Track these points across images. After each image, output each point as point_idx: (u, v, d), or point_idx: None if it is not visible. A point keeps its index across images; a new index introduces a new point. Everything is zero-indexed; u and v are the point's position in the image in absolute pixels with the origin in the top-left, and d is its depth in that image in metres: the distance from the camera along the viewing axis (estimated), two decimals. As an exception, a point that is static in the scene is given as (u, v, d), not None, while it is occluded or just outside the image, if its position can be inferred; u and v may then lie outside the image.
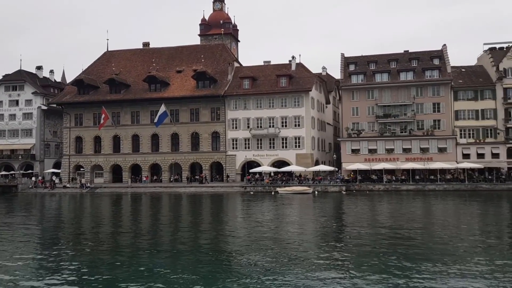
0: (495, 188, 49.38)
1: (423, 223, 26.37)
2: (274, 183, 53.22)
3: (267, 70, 62.40)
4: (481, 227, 24.79)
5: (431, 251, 17.46)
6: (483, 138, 55.19)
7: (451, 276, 13.69)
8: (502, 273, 14.06)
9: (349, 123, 58.74)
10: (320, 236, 22.07)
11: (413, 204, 38.41)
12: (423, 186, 50.81)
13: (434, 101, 56.56)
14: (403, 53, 62.32)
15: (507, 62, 55.76)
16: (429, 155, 54.60)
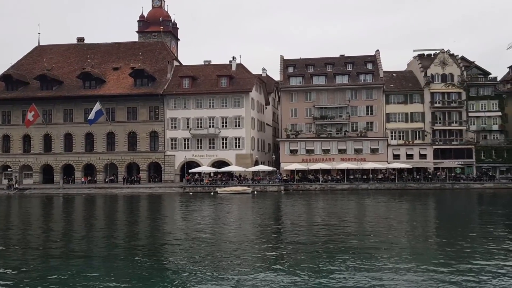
0: (422, 187, 52.41)
1: (356, 221, 27.46)
2: (214, 183, 53.08)
3: (207, 69, 62.11)
4: (409, 224, 26.20)
5: (363, 247, 18.23)
6: (412, 140, 58.40)
7: (382, 271, 14.37)
8: (428, 264, 14.97)
9: (288, 124, 59.87)
10: (258, 236, 22.32)
11: (347, 203, 39.84)
12: (357, 186, 52.90)
13: (368, 104, 59.08)
14: (339, 57, 64.52)
15: (434, 68, 59.39)
16: (362, 156, 56.94)
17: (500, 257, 16.21)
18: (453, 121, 58.71)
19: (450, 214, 32.05)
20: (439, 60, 59.48)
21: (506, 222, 26.69)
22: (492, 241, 19.55)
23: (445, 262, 15.44)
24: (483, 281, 13.18)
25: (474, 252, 17.04)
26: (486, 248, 17.92)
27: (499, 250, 17.47)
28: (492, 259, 15.88)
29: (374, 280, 13.32)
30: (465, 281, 13.15)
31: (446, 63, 59.19)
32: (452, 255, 16.63)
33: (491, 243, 18.93)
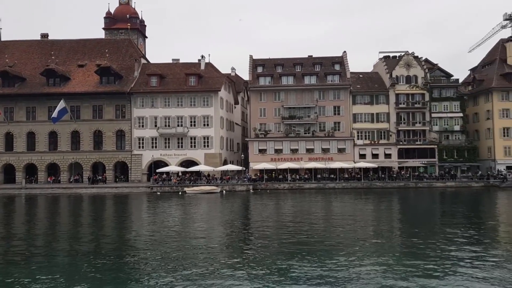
0: (387, 186, 53.68)
1: (323, 220, 27.87)
2: (182, 183, 52.68)
3: (175, 68, 61.55)
4: (374, 221, 26.81)
5: (329, 245, 18.53)
6: (377, 140, 59.71)
7: (349, 267, 14.67)
8: (391, 259, 15.39)
9: (256, 124, 60.09)
10: (226, 235, 22.33)
11: (314, 202, 40.35)
12: (324, 185, 53.64)
13: (335, 104, 59.99)
14: (308, 58, 65.23)
15: (399, 70, 60.90)
16: (329, 155, 57.81)
17: (457, 254, 16.82)
18: (417, 122, 60.38)
19: (412, 212, 32.99)
20: (403, 62, 61.04)
21: (465, 220, 27.68)
22: (451, 238, 20.25)
23: (407, 259, 15.90)
24: (440, 277, 13.65)
25: (433, 250, 17.60)
26: (445, 245, 18.54)
27: (457, 247, 18.12)
28: (450, 257, 16.47)
29: (337, 277, 13.57)
30: (423, 278, 13.59)
31: (410, 65, 60.81)
32: (413, 252, 17.13)
33: (450, 241, 19.61)
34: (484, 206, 36.33)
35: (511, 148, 59.28)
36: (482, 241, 19.74)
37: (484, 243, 19.22)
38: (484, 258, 15.96)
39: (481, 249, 17.74)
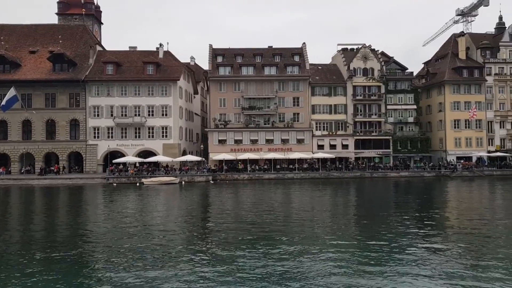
0: (344, 176, 54.88)
1: (282, 209, 28.12)
2: (140, 174, 51.72)
3: (133, 56, 60.03)
4: (330, 211, 27.32)
5: (288, 234, 18.70)
6: (335, 131, 60.83)
7: (306, 256, 14.86)
8: (346, 249, 15.72)
9: (216, 114, 59.73)
10: (184, 227, 22.09)
11: (273, 192, 40.66)
12: (283, 175, 54.17)
13: (294, 96, 60.50)
14: (268, 49, 65.29)
15: (356, 62, 62.08)
16: (289, 146, 58.37)
17: (408, 241, 17.42)
18: (373, 113, 61.92)
19: (368, 202, 33.87)
20: (361, 55, 62.25)
21: (417, 209, 28.71)
22: (403, 226, 20.95)
23: (360, 248, 16.31)
24: (390, 264, 14.09)
25: (385, 240, 18.13)
26: (397, 232, 19.16)
27: (408, 235, 18.77)
28: (401, 244, 17.03)
29: (294, 267, 13.73)
30: (375, 267, 13.98)
31: (367, 57, 62.11)
32: (366, 241, 17.58)
33: (403, 228, 20.28)
34: (435, 195, 37.79)
35: (461, 140, 61.94)
36: (433, 229, 20.51)
37: (435, 231, 19.99)
38: (434, 246, 16.60)
39: (432, 237, 18.44)
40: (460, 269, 13.39)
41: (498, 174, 56.40)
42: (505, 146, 62.74)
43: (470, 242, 17.22)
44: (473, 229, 20.32)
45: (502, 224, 21.62)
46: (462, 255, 15.09)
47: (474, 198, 35.92)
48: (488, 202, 32.87)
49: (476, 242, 17.26)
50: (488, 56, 64.10)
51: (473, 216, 24.66)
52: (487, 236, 18.48)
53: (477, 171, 56.81)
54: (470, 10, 76.99)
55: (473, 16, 77.43)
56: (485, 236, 18.59)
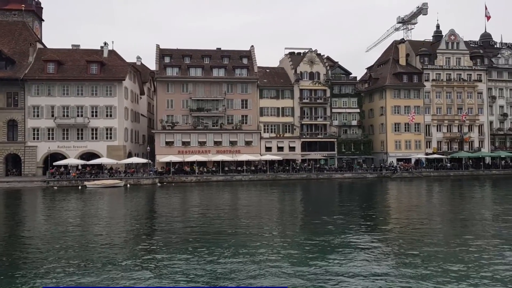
0: (291, 177, 55.81)
1: (229, 211, 28.18)
2: (82, 177, 49.91)
3: (76, 54, 57.88)
4: (277, 212, 27.73)
5: (235, 235, 18.80)
6: (282, 133, 61.73)
7: (255, 256, 15.00)
8: (291, 246, 16.06)
9: (163, 115, 58.85)
10: (128, 231, 21.61)
11: (221, 194, 40.66)
12: (231, 177, 54.25)
13: (243, 98, 60.82)
14: (216, 50, 65.20)
15: (303, 66, 63.37)
16: (237, 148, 58.57)
17: (350, 239, 18.07)
18: (319, 116, 63.43)
19: (313, 202, 34.68)
20: (307, 59, 63.63)
21: (360, 208, 29.77)
22: (346, 225, 21.67)
23: (304, 246, 16.72)
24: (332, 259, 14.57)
25: (329, 238, 18.70)
26: (340, 232, 19.81)
27: (350, 232, 19.46)
28: (343, 241, 17.64)
29: (239, 268, 13.84)
30: (318, 266, 14.39)
31: (313, 62, 63.59)
32: (311, 240, 18.04)
33: (345, 227, 20.98)
34: (376, 196, 39.31)
35: (401, 142, 64.79)
36: (374, 227, 21.37)
37: (375, 229, 20.84)
38: (374, 243, 17.31)
39: (373, 234, 19.21)
40: (396, 265, 14.05)
41: (435, 175, 59.52)
42: (441, 148, 66.32)
43: (407, 239, 18.11)
44: (411, 226, 21.36)
45: (437, 221, 22.90)
46: (398, 252, 15.84)
47: (412, 198, 37.74)
48: (425, 201, 34.66)
49: (412, 238, 18.17)
50: (426, 62, 67.52)
51: (410, 214, 25.92)
52: (424, 234, 19.48)
53: (416, 172, 59.66)
54: (410, 18, 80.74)
55: (412, 24, 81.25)
56: (421, 233, 19.59)
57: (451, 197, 37.20)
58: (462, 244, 16.79)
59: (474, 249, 16.02)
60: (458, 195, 38.64)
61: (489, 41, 74.41)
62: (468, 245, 16.58)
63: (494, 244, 17.05)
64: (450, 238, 18.23)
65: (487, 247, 16.40)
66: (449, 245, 16.84)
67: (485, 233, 19.63)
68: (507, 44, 73.62)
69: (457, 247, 16.33)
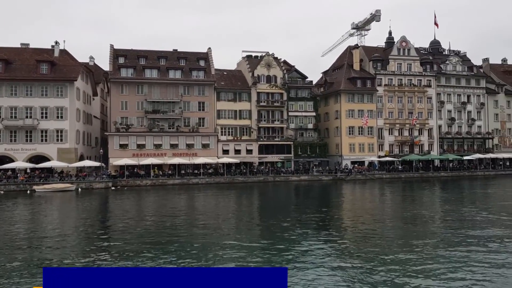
0: (248, 180, 55.87)
1: (185, 215, 27.80)
2: (31, 181, 47.78)
3: (24, 53, 55.36)
4: (234, 215, 27.63)
5: (193, 239, 18.51)
6: (240, 136, 61.71)
7: (211, 261, 14.82)
8: (246, 249, 15.99)
9: (117, 117, 57.37)
10: (78, 236, 20.82)
11: (178, 197, 40.11)
12: (188, 180, 53.63)
13: (200, 100, 60.31)
14: (172, 52, 64.34)
15: (260, 69, 63.68)
16: (194, 151, 57.97)
17: (305, 239, 18.25)
18: (276, 119, 63.91)
19: (270, 204, 34.85)
20: (264, 62, 64.00)
21: (315, 210, 30.16)
22: (301, 226, 21.88)
23: (260, 248, 16.72)
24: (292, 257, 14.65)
25: (287, 239, 18.81)
26: (295, 233, 19.97)
27: (307, 233, 19.66)
28: (299, 243, 17.78)
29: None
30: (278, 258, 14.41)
31: (270, 65, 64.03)
32: (268, 243, 18.07)
33: (300, 227, 21.18)
34: (331, 197, 40.02)
35: (355, 145, 66.36)
36: (328, 228, 21.69)
37: (330, 230, 21.16)
38: (328, 244, 17.56)
39: (327, 235, 19.49)
40: (348, 264, 14.30)
41: (387, 177, 61.38)
42: (393, 151, 68.49)
43: (359, 238, 18.49)
44: (363, 227, 21.85)
45: (388, 221, 23.57)
46: (350, 252, 16.14)
47: (365, 199, 38.72)
48: (377, 202, 35.64)
49: (365, 238, 18.57)
50: (379, 68, 69.59)
51: (363, 215, 26.53)
52: (377, 234, 19.97)
53: (369, 175, 61.29)
54: (363, 24, 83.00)
55: (366, 30, 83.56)
56: (374, 233, 20.07)
57: (402, 199, 38.44)
58: (409, 244, 17.30)
59: (419, 249, 16.56)
60: (409, 197, 39.98)
61: (438, 48, 77.67)
62: (414, 245, 17.11)
63: (437, 243, 17.70)
64: (399, 238, 18.77)
65: (431, 247, 17.00)
66: (397, 244, 17.33)
67: (431, 233, 20.37)
68: (454, 51, 77.14)
69: (404, 247, 16.82)
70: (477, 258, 14.78)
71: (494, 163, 71.34)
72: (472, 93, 73.76)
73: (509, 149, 75.60)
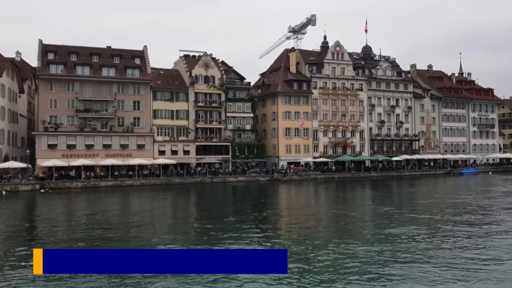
0: (186, 181, 55.16)
1: (118, 218, 26.88)
2: None
3: None
4: (170, 216, 27.12)
5: (126, 244, 17.90)
6: (177, 137, 60.78)
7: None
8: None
9: (46, 116, 54.38)
10: (2, 245, 19.47)
11: (111, 200, 38.73)
12: (122, 182, 51.97)
13: (135, 99, 58.66)
14: (106, 49, 62.09)
15: (198, 69, 63.13)
16: (128, 152, 56.31)
17: (242, 238, 18.32)
18: (214, 120, 63.66)
19: (207, 206, 34.61)
20: (202, 62, 63.55)
21: (251, 209, 30.38)
22: (238, 226, 21.94)
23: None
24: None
25: (223, 240, 18.77)
26: (232, 233, 19.99)
27: (243, 233, 19.73)
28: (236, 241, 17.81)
29: (128, 281, 13.22)
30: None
31: (208, 65, 63.70)
32: (201, 244, 17.94)
33: (238, 228, 21.23)
34: (268, 197, 40.51)
35: (291, 146, 67.70)
36: (264, 226, 21.91)
37: (267, 230, 21.39)
38: (263, 241, 17.74)
39: (264, 235, 19.68)
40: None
41: (321, 178, 63.17)
42: (327, 152, 70.63)
43: (294, 238, 18.86)
44: (298, 226, 22.32)
45: (323, 219, 24.25)
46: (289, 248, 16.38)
47: (301, 199, 39.60)
48: (312, 202, 36.59)
49: (299, 236, 18.96)
50: (314, 71, 71.51)
51: (298, 215, 27.11)
52: (314, 231, 20.46)
53: (305, 175, 62.74)
54: (300, 28, 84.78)
55: (302, 34, 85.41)
56: (306, 232, 20.55)
57: (334, 199, 39.69)
58: (338, 242, 17.90)
59: (348, 246, 17.19)
60: (341, 197, 41.39)
61: (369, 53, 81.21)
62: (343, 243, 17.74)
63: (365, 240, 18.47)
64: (331, 236, 19.36)
65: (361, 243, 17.71)
66: (328, 242, 17.87)
67: (358, 231, 21.21)
68: (384, 57, 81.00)
69: (334, 245, 17.38)
70: (394, 253, 15.56)
71: (420, 163, 75.73)
72: (400, 97, 77.87)
73: (434, 150, 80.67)
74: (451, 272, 13.25)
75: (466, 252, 15.85)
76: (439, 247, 16.67)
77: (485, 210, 27.19)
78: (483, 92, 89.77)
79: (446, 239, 18.18)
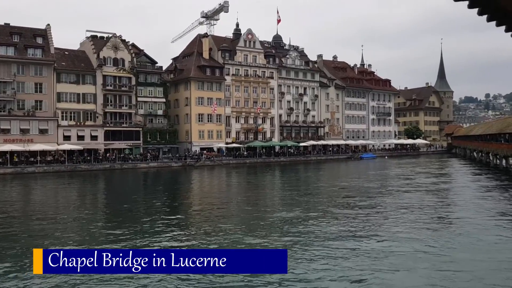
0: (93, 168, 53.30)
1: (18, 209, 25.64)
2: None
3: None
4: (74, 207, 26.41)
5: (25, 239, 17.38)
6: (83, 121, 58.16)
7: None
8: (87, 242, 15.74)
9: None
10: None
11: (9, 188, 36.46)
12: (22, 169, 48.89)
13: (36, 81, 55.01)
14: (4, 26, 57.19)
15: (106, 51, 60.64)
16: (29, 137, 52.91)
17: (154, 227, 18.67)
18: (124, 105, 61.81)
19: (116, 193, 34.10)
20: (111, 44, 61.15)
21: (163, 196, 30.61)
22: (149, 214, 22.18)
23: (102, 242, 16.65)
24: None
25: (133, 230, 18.97)
26: (142, 222, 20.24)
27: (155, 221, 20.08)
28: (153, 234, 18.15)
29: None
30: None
31: (118, 47, 61.47)
32: (110, 235, 18.02)
33: (148, 217, 21.49)
34: (181, 183, 40.82)
35: (204, 132, 68.05)
36: (175, 213, 22.40)
37: (177, 215, 21.90)
38: (172, 228, 18.29)
39: (174, 221, 20.20)
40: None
41: (234, 163, 64.57)
42: (239, 138, 72.09)
43: (205, 223, 19.64)
44: (209, 211, 23.13)
45: (234, 203, 25.32)
46: (193, 235, 17.15)
47: (213, 185, 40.48)
48: (224, 187, 37.63)
49: (214, 220, 19.79)
50: (227, 58, 72.14)
51: (210, 200, 27.93)
52: (226, 215, 21.38)
53: (217, 161, 63.67)
54: (213, 14, 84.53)
55: (215, 20, 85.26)
56: (223, 215, 21.46)
57: (246, 183, 41.14)
58: (251, 225, 19.07)
59: (259, 228, 18.42)
60: (252, 181, 42.97)
61: (280, 43, 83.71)
62: (252, 226, 18.94)
63: (273, 223, 19.89)
64: (242, 221, 20.47)
65: (271, 226, 19.03)
66: (239, 226, 18.94)
67: (268, 214, 22.63)
68: (294, 47, 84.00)
69: (246, 229, 18.50)
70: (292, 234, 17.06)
71: (325, 149, 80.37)
72: (308, 85, 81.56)
73: (337, 136, 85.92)
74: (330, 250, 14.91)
75: (340, 227, 17.79)
76: (327, 226, 18.50)
77: (371, 193, 30.16)
78: (381, 82, 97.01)
79: (333, 220, 20.16)
